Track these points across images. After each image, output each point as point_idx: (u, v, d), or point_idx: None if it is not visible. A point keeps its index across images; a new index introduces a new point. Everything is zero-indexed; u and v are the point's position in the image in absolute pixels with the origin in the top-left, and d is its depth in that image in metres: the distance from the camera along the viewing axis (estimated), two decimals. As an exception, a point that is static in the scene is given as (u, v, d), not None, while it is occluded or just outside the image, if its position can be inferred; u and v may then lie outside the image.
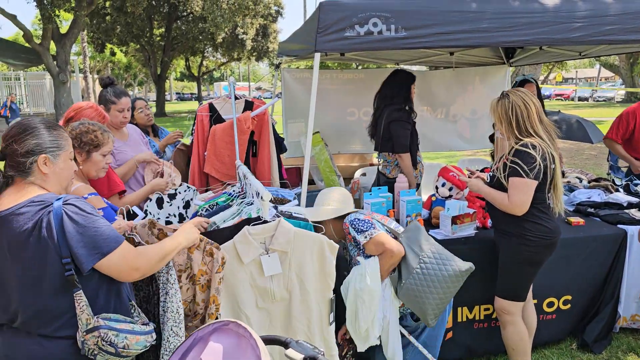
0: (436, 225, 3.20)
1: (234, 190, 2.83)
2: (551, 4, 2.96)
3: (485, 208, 3.20)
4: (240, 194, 2.74)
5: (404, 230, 2.56)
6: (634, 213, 3.37)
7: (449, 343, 2.96)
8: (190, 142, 3.86)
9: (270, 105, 4.12)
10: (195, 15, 24.23)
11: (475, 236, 3.07)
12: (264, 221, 2.17)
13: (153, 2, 24.59)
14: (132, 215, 2.46)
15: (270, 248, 2.12)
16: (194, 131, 3.80)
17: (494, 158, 4.32)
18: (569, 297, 3.18)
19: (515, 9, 2.93)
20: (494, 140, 4.27)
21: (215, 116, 3.76)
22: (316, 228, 2.37)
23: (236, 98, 3.70)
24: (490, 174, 2.75)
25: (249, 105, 3.83)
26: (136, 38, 26.53)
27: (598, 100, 33.32)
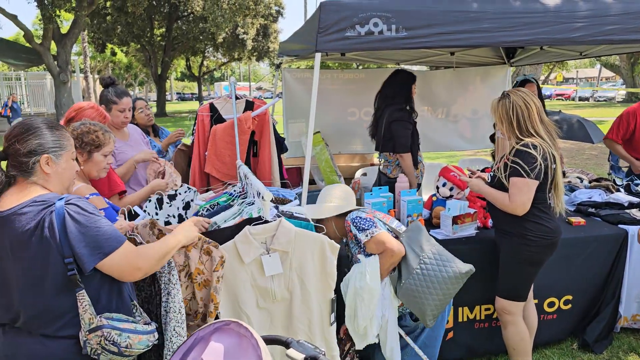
0: (437, 225, 3.20)
1: (235, 190, 2.83)
2: (552, 4, 2.96)
3: (486, 208, 3.20)
4: (241, 193, 2.74)
5: (405, 229, 2.56)
6: (635, 213, 3.37)
7: (449, 343, 2.97)
8: (191, 142, 3.86)
9: (271, 105, 4.12)
10: (196, 15, 24.24)
11: (476, 236, 3.08)
12: (265, 221, 2.17)
13: (154, 2, 24.59)
14: (134, 216, 2.46)
15: (271, 248, 2.12)
16: (194, 131, 3.80)
17: (495, 158, 4.32)
18: (570, 297, 3.18)
19: (516, 9, 2.93)
20: (495, 140, 4.27)
21: (216, 116, 3.76)
22: (317, 228, 2.37)
23: (237, 98, 3.70)
24: (491, 174, 2.74)
25: (249, 105, 3.83)
26: (137, 38, 26.53)
27: (599, 100, 33.27)
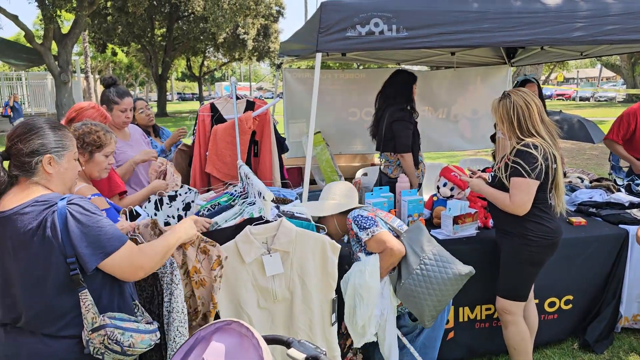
0: (438, 225, 3.20)
1: (236, 190, 2.83)
2: (553, 4, 2.96)
3: (486, 208, 3.20)
4: (242, 193, 2.74)
5: (406, 229, 2.57)
6: (636, 213, 3.37)
7: (450, 343, 2.97)
8: (192, 142, 3.87)
9: (272, 105, 4.12)
10: (197, 15, 24.25)
11: (477, 236, 3.08)
12: (266, 221, 2.17)
13: (154, 2, 24.60)
14: (135, 216, 2.46)
15: (272, 248, 2.12)
16: (195, 131, 3.80)
17: (495, 158, 4.31)
18: (571, 297, 3.18)
19: (516, 9, 2.93)
20: (496, 140, 4.27)
21: (216, 116, 3.76)
22: (318, 228, 2.37)
23: (237, 98, 3.70)
24: (492, 174, 2.75)
25: (250, 106, 3.83)
26: (137, 38, 26.54)
27: (599, 100, 33.23)
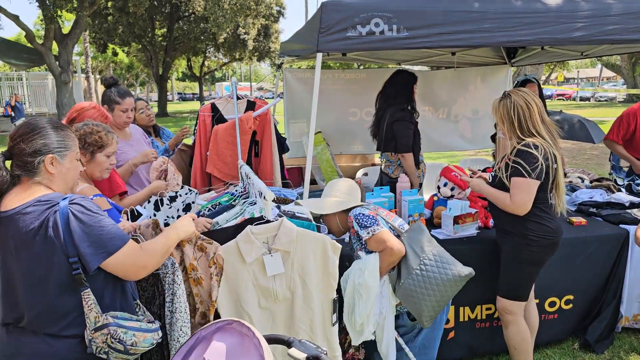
0: (438, 225, 3.21)
1: (237, 190, 2.83)
2: (553, 4, 2.96)
3: (487, 208, 3.20)
4: (242, 193, 2.74)
5: (407, 229, 2.57)
6: (636, 213, 3.37)
7: (450, 343, 2.97)
8: (193, 142, 3.87)
9: (272, 105, 4.13)
10: (197, 15, 24.26)
11: (477, 236, 3.08)
12: (267, 221, 2.18)
13: (155, 3, 24.61)
14: (137, 216, 2.46)
15: (272, 248, 2.12)
16: (196, 131, 3.81)
17: (496, 158, 4.32)
18: (571, 297, 3.18)
19: (517, 9, 2.93)
20: (496, 140, 4.27)
21: (217, 116, 3.77)
22: (319, 228, 2.38)
23: (238, 98, 3.71)
24: (492, 173, 2.75)
25: (251, 106, 3.83)
26: (138, 38, 26.55)
27: (600, 100, 33.21)
